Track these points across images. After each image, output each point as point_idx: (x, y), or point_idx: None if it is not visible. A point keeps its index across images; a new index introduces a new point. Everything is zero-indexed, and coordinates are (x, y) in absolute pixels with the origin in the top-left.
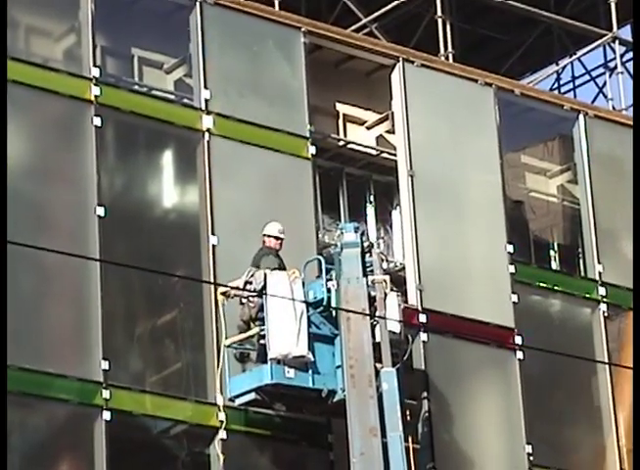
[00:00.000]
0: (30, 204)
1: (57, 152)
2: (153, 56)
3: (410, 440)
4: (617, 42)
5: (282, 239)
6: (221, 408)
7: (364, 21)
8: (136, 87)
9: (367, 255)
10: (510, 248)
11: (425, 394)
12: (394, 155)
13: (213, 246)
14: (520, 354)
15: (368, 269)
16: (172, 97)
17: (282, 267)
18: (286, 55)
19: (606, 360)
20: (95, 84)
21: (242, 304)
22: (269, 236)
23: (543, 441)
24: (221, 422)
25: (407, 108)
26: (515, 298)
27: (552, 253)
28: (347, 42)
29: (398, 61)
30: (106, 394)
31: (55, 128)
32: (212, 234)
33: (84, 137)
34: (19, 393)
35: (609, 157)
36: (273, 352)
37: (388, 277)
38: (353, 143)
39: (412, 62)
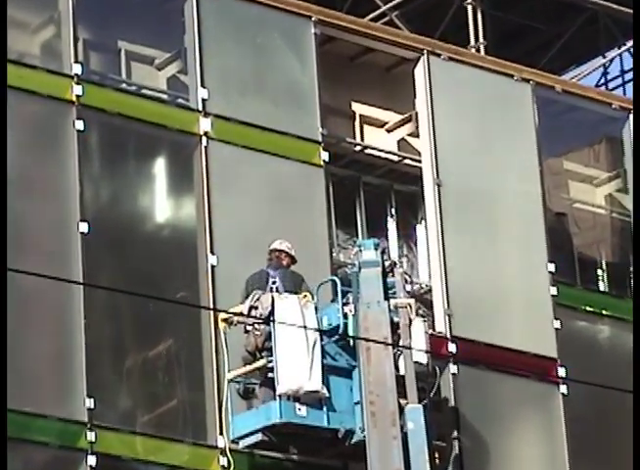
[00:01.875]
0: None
1: (34, 160)
2: (142, 50)
3: None
4: None
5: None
6: (223, 452)
7: (383, 8)
8: (124, 86)
9: (389, 275)
10: (551, 267)
11: (455, 433)
12: (419, 161)
13: (213, 266)
14: (563, 388)
15: (390, 292)
16: (165, 97)
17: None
18: (294, 48)
19: None
20: (77, 83)
21: (246, 332)
22: (280, 251)
23: None
24: (223, 467)
25: (433, 107)
26: (557, 324)
27: (599, 272)
28: (364, 33)
29: (422, 54)
30: (91, 436)
31: (31, 133)
32: (211, 253)
33: (65, 143)
34: None
35: None
36: (282, 387)
37: (412, 301)
38: (372, 148)
39: (438, 55)
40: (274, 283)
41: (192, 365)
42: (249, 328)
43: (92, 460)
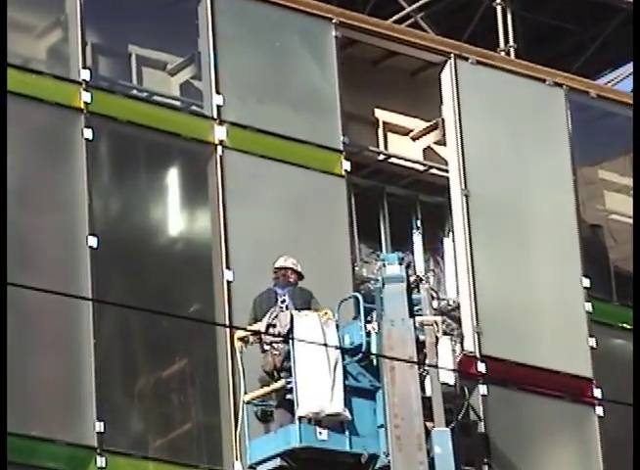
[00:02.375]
0: (9, 233)
1: (40, 171)
2: (154, 54)
3: None
4: None
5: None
6: None
7: (408, 10)
8: (134, 92)
9: (414, 291)
10: (586, 282)
11: (485, 459)
12: (446, 171)
13: (228, 282)
14: (599, 410)
15: (415, 309)
16: (178, 104)
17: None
18: (314, 52)
19: None
20: (85, 89)
21: (264, 351)
22: (286, 269)
23: None
24: None
25: (460, 114)
26: (592, 342)
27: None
28: (388, 35)
29: (449, 57)
30: (101, 461)
31: (38, 142)
32: (227, 268)
33: (73, 152)
34: None
35: None
36: (302, 410)
37: (439, 318)
38: (396, 157)
39: (466, 58)
40: (283, 301)
41: (207, 386)
42: (266, 347)
43: None
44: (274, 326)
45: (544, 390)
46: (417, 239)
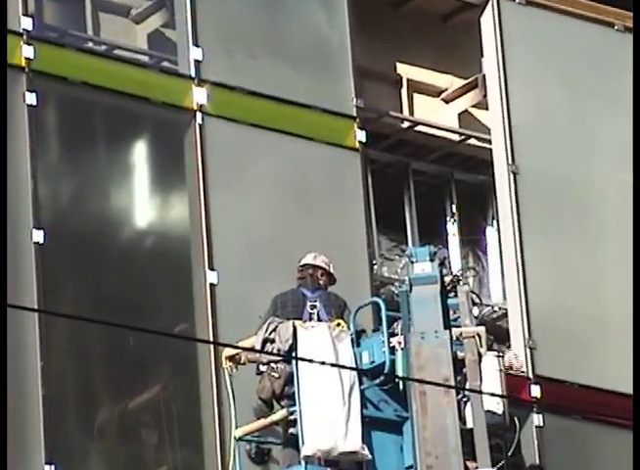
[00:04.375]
0: None
1: None
2: None
3: None
4: None
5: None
6: None
7: None
8: (90, 45)
9: (450, 295)
10: None
11: None
12: (488, 141)
13: (212, 285)
14: None
15: (452, 318)
16: (145, 59)
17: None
18: None
19: None
20: (27, 42)
21: (260, 373)
22: (315, 267)
23: None
24: None
25: (505, 69)
26: None
27: None
28: None
29: None
30: None
31: None
32: (210, 268)
33: (12, 122)
34: None
35: None
36: (309, 448)
37: (482, 329)
38: (424, 124)
39: None
40: (313, 307)
41: (187, 419)
42: (263, 368)
43: None
44: (272, 341)
45: (612, 418)
46: (452, 229)
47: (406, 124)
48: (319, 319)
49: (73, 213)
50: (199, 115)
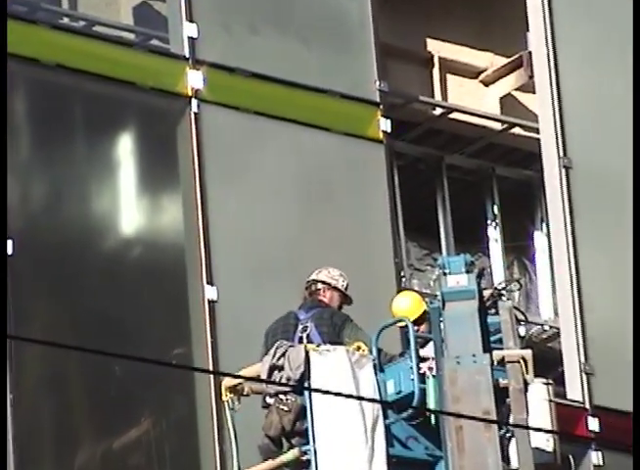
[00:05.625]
0: None
1: None
2: None
3: None
4: None
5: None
6: None
7: None
8: (65, 21)
9: (490, 312)
10: None
11: None
12: (535, 130)
13: (211, 302)
14: None
15: (493, 339)
16: (131, 37)
17: None
18: None
19: None
20: None
21: (267, 406)
22: (315, 282)
23: None
24: None
25: (555, 45)
26: None
27: None
28: None
29: None
30: None
31: None
32: (209, 283)
33: None
34: None
35: None
36: None
37: (529, 352)
38: (460, 110)
39: None
40: (304, 330)
41: (182, 461)
42: (270, 400)
43: None
44: (281, 369)
45: None
46: (494, 233)
47: (438, 111)
48: (309, 342)
49: (47, 220)
50: (194, 101)
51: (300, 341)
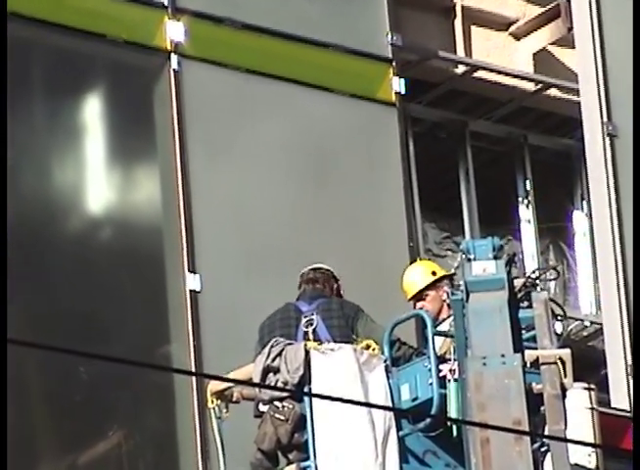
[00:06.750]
0: None
1: None
2: None
3: None
4: None
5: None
6: None
7: None
8: None
9: (522, 305)
10: None
11: None
12: (574, 92)
13: (193, 293)
14: None
15: (525, 337)
16: None
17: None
18: None
19: None
20: None
21: (259, 415)
22: (314, 271)
23: None
24: None
25: None
26: None
27: None
28: None
29: None
30: None
31: None
32: (191, 270)
33: None
34: None
35: None
36: None
37: (567, 352)
38: (487, 68)
39: None
40: (309, 324)
41: None
42: (264, 408)
43: None
44: (276, 371)
45: None
46: (526, 213)
47: (461, 69)
48: (316, 339)
49: (8, 197)
50: (173, 57)
51: (305, 337)
